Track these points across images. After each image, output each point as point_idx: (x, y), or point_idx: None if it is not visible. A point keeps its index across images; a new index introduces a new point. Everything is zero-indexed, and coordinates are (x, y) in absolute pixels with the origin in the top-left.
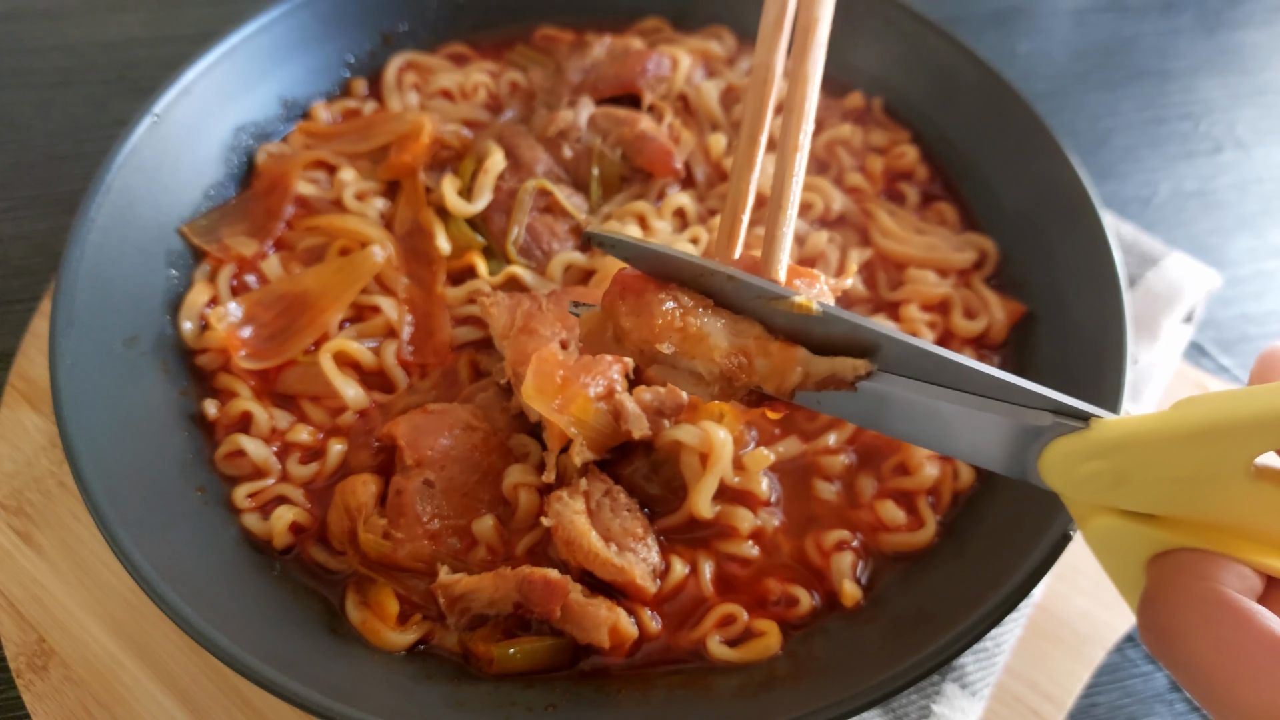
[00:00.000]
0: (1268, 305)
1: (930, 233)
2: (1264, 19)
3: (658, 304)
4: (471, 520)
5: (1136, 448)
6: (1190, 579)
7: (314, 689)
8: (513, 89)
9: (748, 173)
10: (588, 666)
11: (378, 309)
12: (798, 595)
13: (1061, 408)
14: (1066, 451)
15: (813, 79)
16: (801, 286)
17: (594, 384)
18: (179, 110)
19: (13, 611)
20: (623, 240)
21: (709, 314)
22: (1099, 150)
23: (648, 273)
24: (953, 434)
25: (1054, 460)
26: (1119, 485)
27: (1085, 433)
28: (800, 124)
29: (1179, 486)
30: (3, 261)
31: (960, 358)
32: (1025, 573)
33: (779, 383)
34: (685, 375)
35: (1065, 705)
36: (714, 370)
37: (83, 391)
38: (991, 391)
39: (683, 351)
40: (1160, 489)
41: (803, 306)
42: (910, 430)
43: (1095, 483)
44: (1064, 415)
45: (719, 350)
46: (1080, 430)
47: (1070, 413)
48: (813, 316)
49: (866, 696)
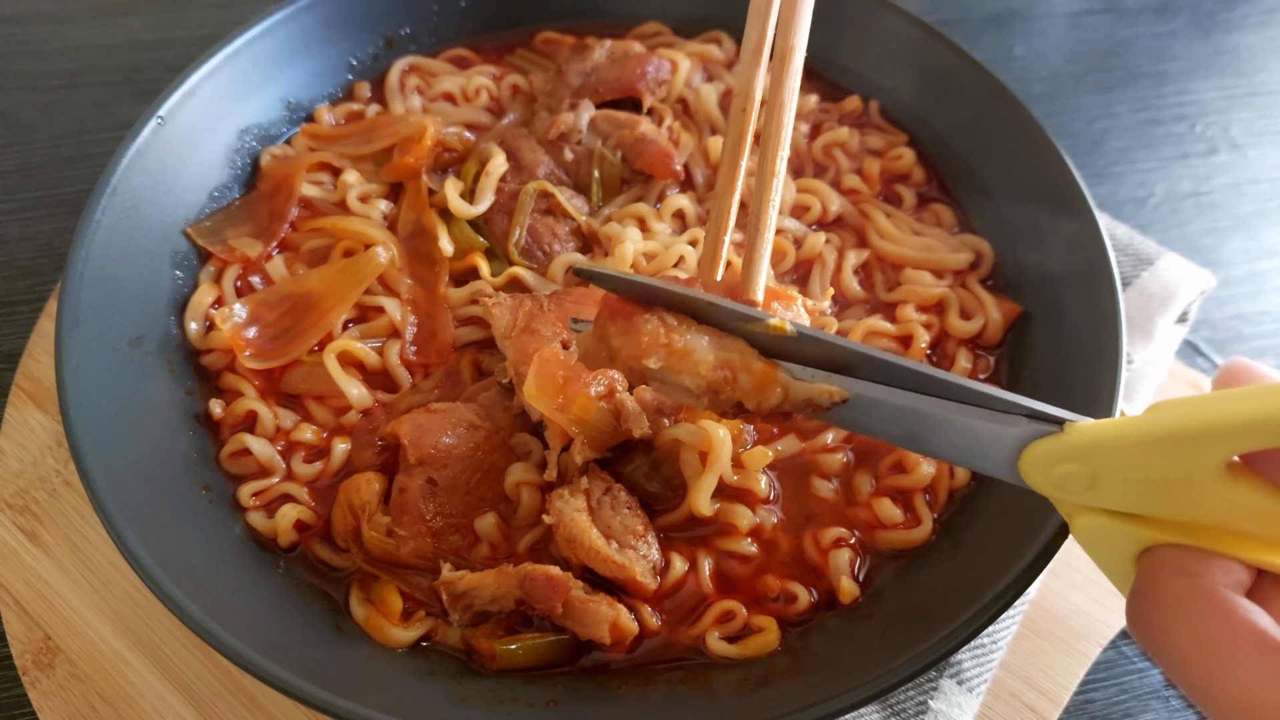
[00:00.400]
0: (1262, 305)
1: (927, 234)
2: (1259, 21)
3: (643, 323)
4: (474, 518)
5: (1108, 451)
6: (1172, 574)
7: (318, 685)
8: (514, 92)
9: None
10: (589, 662)
11: (381, 310)
12: (796, 592)
13: (1035, 413)
14: (1042, 454)
15: (789, 106)
16: (779, 309)
17: (595, 383)
18: (183, 113)
19: (19, 609)
20: (608, 274)
21: (693, 331)
22: (1094, 152)
23: (634, 300)
24: (935, 439)
25: (1032, 463)
26: (1094, 486)
27: (1059, 436)
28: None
29: (1153, 488)
30: (9, 262)
31: (934, 370)
32: (1021, 569)
33: (759, 401)
34: (676, 389)
35: (1061, 701)
36: (701, 384)
37: (88, 391)
38: (969, 399)
39: (669, 366)
40: (1135, 490)
41: (777, 328)
42: (895, 434)
43: (1071, 484)
44: (1039, 420)
45: (705, 364)
46: (1055, 434)
47: (1044, 417)
48: (789, 336)
49: (864, 692)
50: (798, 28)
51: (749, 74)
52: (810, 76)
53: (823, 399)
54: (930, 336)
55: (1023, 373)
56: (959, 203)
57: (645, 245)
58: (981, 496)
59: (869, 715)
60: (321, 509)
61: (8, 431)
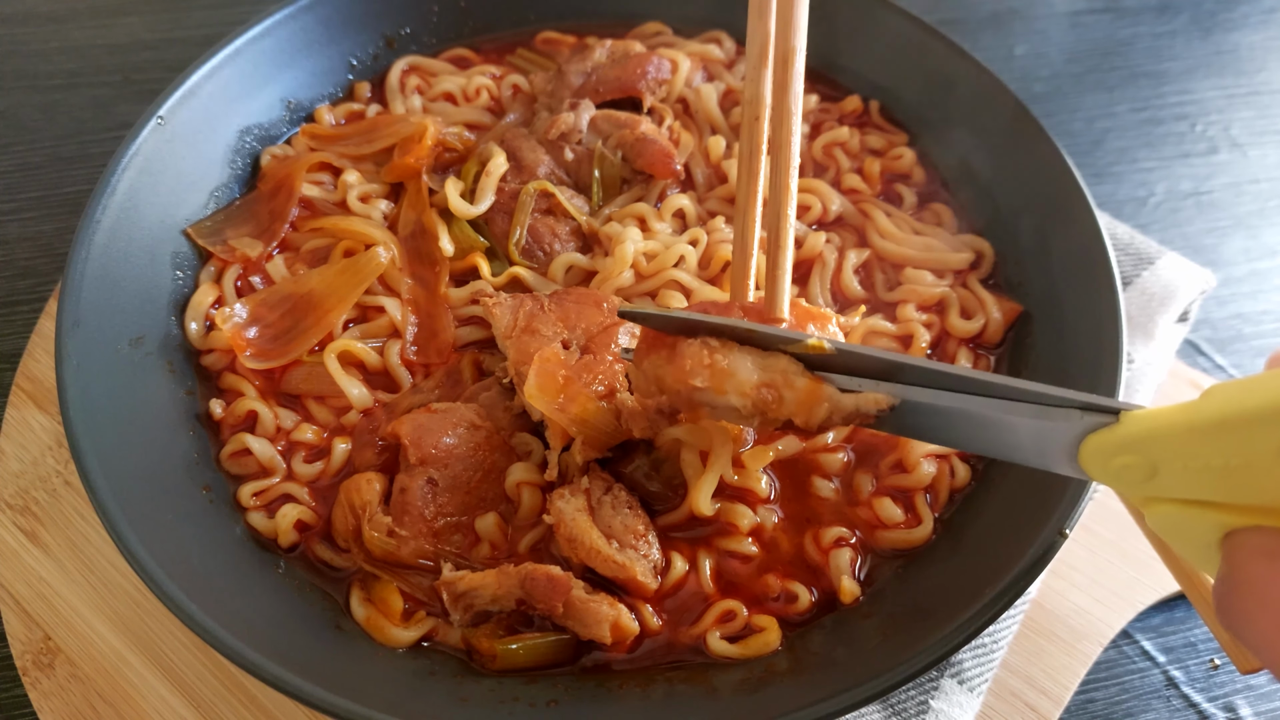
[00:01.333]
0: (1262, 305)
1: (927, 234)
2: (1259, 21)
3: (687, 347)
4: (474, 518)
5: (1164, 440)
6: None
7: (319, 685)
8: (515, 92)
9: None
10: (589, 662)
11: (382, 309)
12: (797, 591)
13: (1089, 405)
14: (1099, 446)
15: (796, 114)
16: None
17: (595, 383)
18: (184, 113)
19: (19, 610)
20: (652, 313)
21: (735, 352)
22: (1095, 151)
23: (677, 333)
24: (988, 439)
25: (1090, 456)
26: (1155, 476)
27: (1115, 427)
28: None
29: (1215, 475)
30: (9, 263)
31: (978, 373)
32: (1021, 569)
33: (807, 417)
34: (726, 411)
35: (1062, 701)
36: (747, 404)
37: (88, 391)
38: (1017, 397)
39: (714, 387)
40: (1197, 478)
41: (816, 347)
42: (946, 437)
43: (1130, 476)
44: (1093, 411)
45: (749, 384)
46: (1110, 425)
47: (1098, 409)
48: (829, 354)
49: (865, 692)
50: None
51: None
52: (810, 76)
53: (870, 408)
54: (931, 336)
55: (1023, 372)
56: (959, 202)
57: (645, 245)
58: (982, 496)
59: (870, 715)
60: (322, 509)
61: (8, 431)
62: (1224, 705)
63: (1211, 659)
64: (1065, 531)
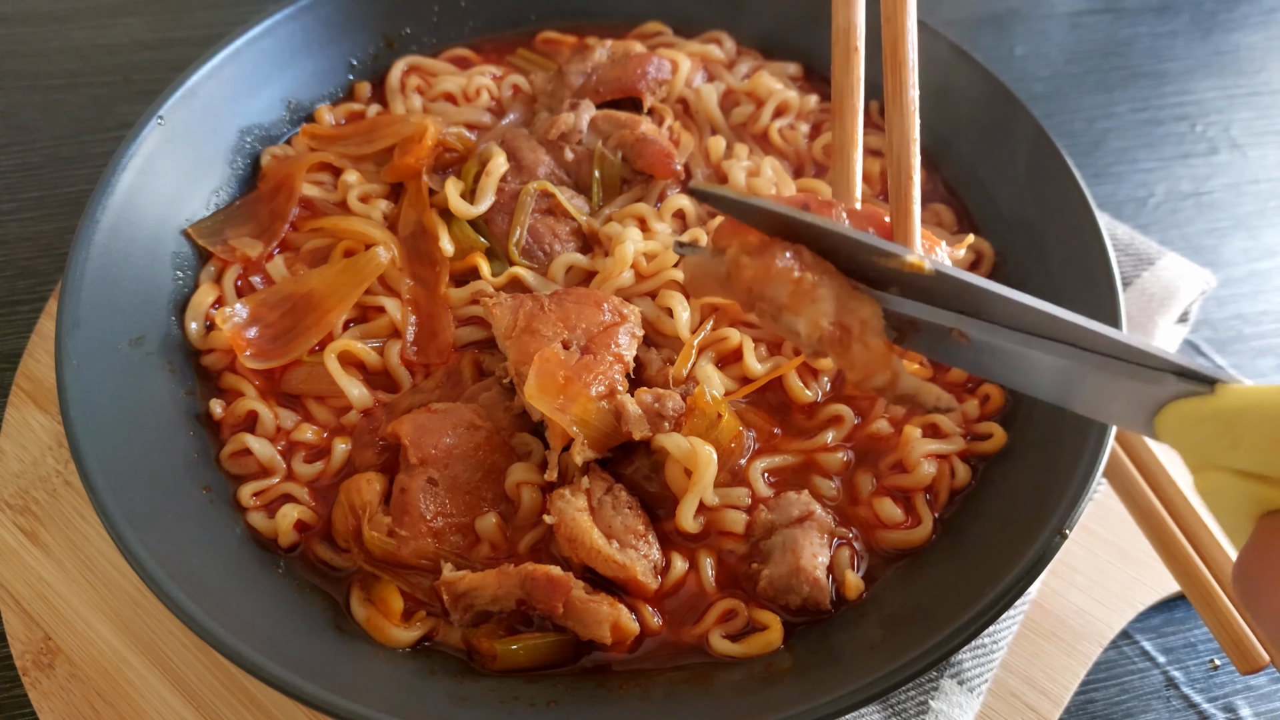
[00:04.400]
0: (1262, 305)
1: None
2: (1260, 21)
3: (781, 250)
4: (475, 518)
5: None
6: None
7: (319, 685)
8: (515, 92)
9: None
10: (590, 662)
11: (382, 310)
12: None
13: (1184, 370)
14: (1185, 414)
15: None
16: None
17: (595, 384)
18: (184, 113)
19: (19, 610)
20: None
21: (827, 278)
22: (1095, 151)
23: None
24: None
25: (1171, 421)
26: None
27: (1208, 398)
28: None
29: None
30: (9, 263)
31: (1076, 317)
32: (1022, 569)
33: (863, 376)
34: (786, 329)
35: (1062, 701)
36: (813, 334)
37: (88, 391)
38: (1111, 351)
39: (789, 305)
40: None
41: (915, 266)
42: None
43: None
44: (1187, 378)
45: (825, 317)
46: (1204, 395)
47: (1194, 376)
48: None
49: (866, 692)
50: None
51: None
52: (810, 77)
53: (928, 400)
54: None
55: None
56: (959, 202)
57: (646, 245)
58: (982, 496)
59: (870, 715)
60: (322, 509)
61: (8, 431)
62: (1224, 706)
63: (1211, 660)
64: (1065, 532)
